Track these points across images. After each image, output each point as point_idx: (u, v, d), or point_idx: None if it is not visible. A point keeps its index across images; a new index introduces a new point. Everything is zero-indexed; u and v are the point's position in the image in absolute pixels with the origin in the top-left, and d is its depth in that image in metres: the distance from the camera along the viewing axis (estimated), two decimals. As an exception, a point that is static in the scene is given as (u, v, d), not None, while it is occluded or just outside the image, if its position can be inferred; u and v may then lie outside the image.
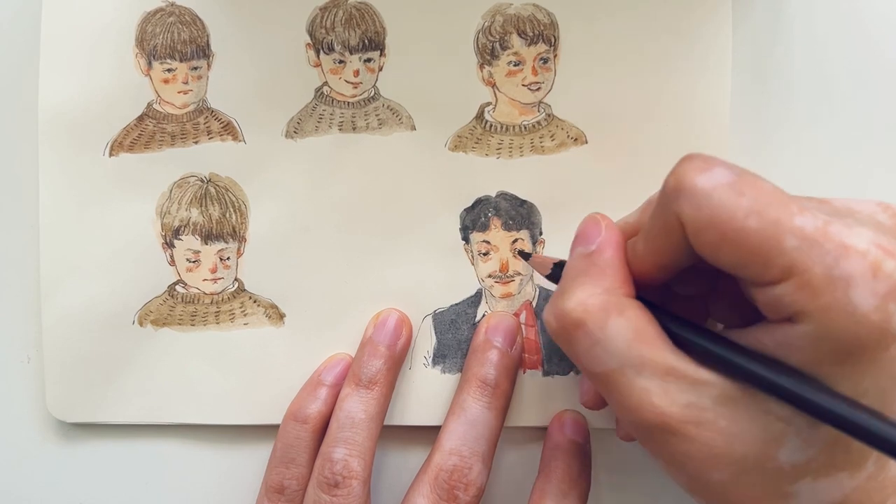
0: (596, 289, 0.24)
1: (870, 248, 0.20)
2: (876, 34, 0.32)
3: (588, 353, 0.23)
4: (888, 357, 0.20)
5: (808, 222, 0.20)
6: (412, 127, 0.32)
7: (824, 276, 0.20)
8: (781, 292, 0.20)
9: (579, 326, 0.23)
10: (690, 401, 0.22)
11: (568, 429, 0.31)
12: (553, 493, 0.29)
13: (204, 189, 0.32)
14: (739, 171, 0.22)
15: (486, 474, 0.29)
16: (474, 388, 0.30)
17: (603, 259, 0.24)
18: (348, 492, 0.29)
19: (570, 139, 0.32)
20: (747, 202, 0.21)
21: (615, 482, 0.32)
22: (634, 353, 0.23)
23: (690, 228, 0.22)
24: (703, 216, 0.21)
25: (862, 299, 0.20)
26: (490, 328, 0.31)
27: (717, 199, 0.21)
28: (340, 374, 0.31)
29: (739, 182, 0.21)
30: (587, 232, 0.25)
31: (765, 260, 0.20)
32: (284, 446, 0.30)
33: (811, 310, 0.20)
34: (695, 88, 0.31)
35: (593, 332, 0.23)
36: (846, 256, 0.20)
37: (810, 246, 0.20)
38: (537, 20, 0.31)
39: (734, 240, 0.21)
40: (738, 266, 0.21)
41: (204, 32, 0.32)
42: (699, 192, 0.21)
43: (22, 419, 0.33)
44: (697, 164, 0.22)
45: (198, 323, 0.32)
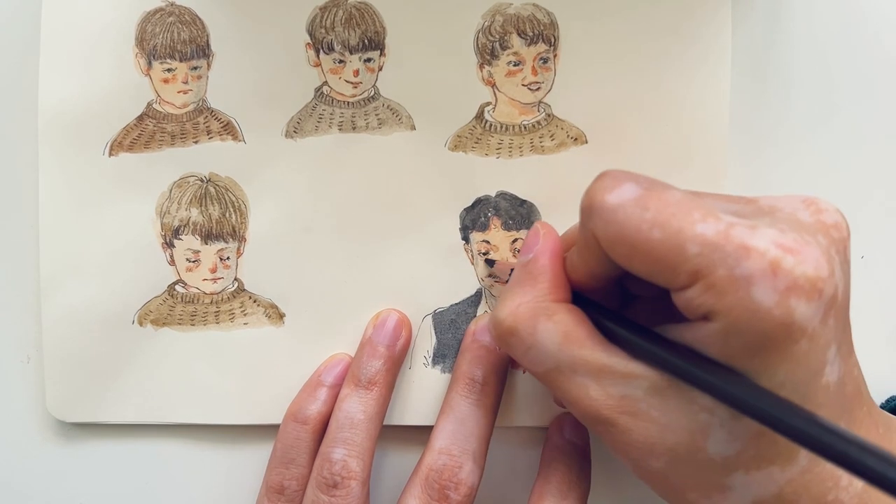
0: (526, 297, 0.26)
1: (769, 248, 0.21)
2: (876, 34, 0.32)
3: (524, 356, 0.25)
4: (799, 350, 0.21)
5: (709, 228, 0.21)
6: (412, 127, 0.32)
7: (727, 277, 0.21)
8: (691, 295, 0.22)
9: (512, 334, 0.25)
10: (624, 393, 0.23)
11: (567, 431, 0.31)
12: (552, 495, 0.29)
13: (204, 189, 0.32)
14: (649, 184, 0.23)
15: (478, 473, 0.29)
16: (462, 385, 0.30)
17: (537, 267, 0.26)
18: (347, 492, 0.29)
19: (570, 139, 0.32)
20: (651, 215, 0.22)
21: (615, 484, 0.32)
22: (566, 355, 0.24)
23: (604, 243, 0.23)
24: (612, 231, 0.23)
25: (763, 296, 0.21)
26: (478, 328, 0.31)
27: (623, 215, 0.23)
28: (340, 374, 0.31)
29: (645, 196, 0.23)
30: (527, 242, 0.28)
31: (672, 267, 0.22)
32: (284, 447, 0.30)
33: (718, 309, 0.21)
34: (695, 88, 0.31)
35: (525, 339, 0.25)
36: (747, 257, 0.21)
37: (712, 250, 0.21)
38: (537, 20, 0.31)
39: (642, 251, 0.22)
40: (650, 274, 0.23)
41: (204, 32, 0.32)
42: (607, 209, 0.23)
43: (22, 419, 0.33)
44: (606, 183, 0.23)
45: (198, 323, 0.32)
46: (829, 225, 0.23)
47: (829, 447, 0.19)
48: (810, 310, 0.21)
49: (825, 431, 0.19)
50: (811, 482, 0.23)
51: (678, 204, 0.22)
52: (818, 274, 0.21)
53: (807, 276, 0.21)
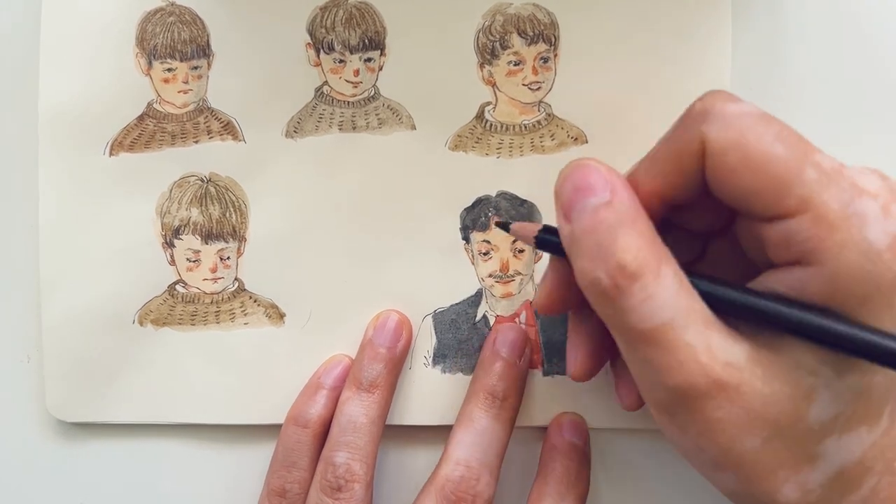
0: (643, 238, 0.22)
1: (880, 192, 0.20)
2: (876, 34, 0.32)
3: (640, 307, 0.22)
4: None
5: (826, 159, 0.21)
6: (412, 126, 0.32)
7: (841, 212, 0.20)
8: (797, 227, 0.21)
9: (636, 279, 0.22)
10: (728, 359, 0.21)
11: (566, 431, 0.31)
12: (551, 495, 0.29)
13: (204, 189, 0.32)
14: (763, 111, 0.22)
15: (494, 486, 0.29)
16: (482, 399, 0.30)
17: (628, 206, 0.23)
18: (350, 495, 0.29)
19: (570, 139, 0.32)
20: (774, 130, 0.21)
21: (614, 483, 0.32)
22: (683, 304, 0.22)
23: (714, 148, 0.21)
24: (729, 136, 0.21)
25: (876, 238, 0.20)
26: (499, 340, 0.31)
27: (747, 123, 0.21)
28: (340, 376, 0.31)
29: (767, 115, 0.22)
30: (590, 182, 0.23)
31: (785, 188, 0.21)
32: (285, 450, 0.30)
33: (827, 247, 0.20)
34: (695, 87, 0.31)
35: (649, 284, 0.22)
36: (860, 196, 0.20)
37: (829, 180, 0.20)
38: (537, 20, 0.31)
39: (757, 163, 0.21)
40: (754, 193, 0.21)
41: (204, 32, 0.32)
42: (729, 113, 0.22)
43: (22, 419, 0.33)
44: (727, 95, 0.22)
45: (198, 322, 0.32)
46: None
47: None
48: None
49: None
50: (887, 447, 0.22)
51: (796, 132, 0.21)
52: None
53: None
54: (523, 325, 0.32)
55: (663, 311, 0.21)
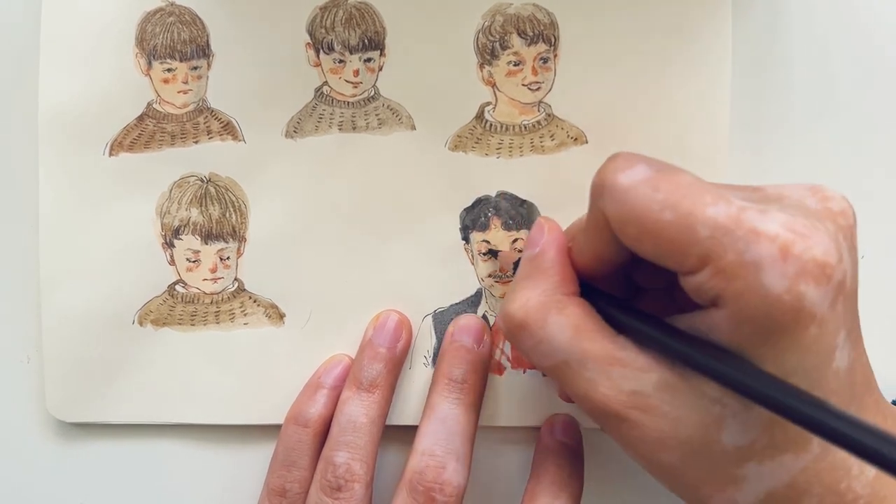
0: (535, 291, 0.25)
1: (780, 232, 0.21)
2: (876, 33, 0.32)
3: (534, 350, 0.25)
4: (809, 336, 0.21)
5: (720, 211, 0.21)
6: (412, 127, 0.32)
7: (736, 262, 0.21)
8: (700, 280, 0.22)
9: (523, 327, 0.25)
10: (634, 388, 0.23)
11: (558, 431, 0.31)
12: (544, 495, 0.29)
13: (204, 189, 0.32)
14: (660, 166, 0.23)
15: (464, 472, 0.29)
16: (441, 386, 0.30)
17: (545, 261, 0.26)
18: (350, 495, 0.29)
19: (570, 139, 0.32)
20: (662, 196, 0.22)
21: (608, 483, 0.32)
22: (576, 348, 0.24)
23: (614, 223, 0.23)
24: (623, 211, 0.23)
25: (773, 281, 0.21)
26: (456, 329, 0.31)
27: (634, 195, 0.22)
28: (340, 375, 0.31)
29: (656, 178, 0.22)
30: (532, 236, 0.27)
31: (681, 250, 0.22)
32: (285, 449, 0.30)
33: (728, 294, 0.21)
34: (695, 88, 0.31)
35: (535, 332, 0.25)
36: (756, 241, 0.21)
37: (722, 234, 0.21)
38: (537, 20, 0.31)
39: (652, 232, 0.22)
40: (660, 257, 0.23)
41: (204, 32, 0.32)
42: (618, 189, 0.23)
43: (22, 419, 0.33)
44: (619, 164, 0.23)
45: (198, 323, 0.32)
46: (835, 212, 0.23)
47: (839, 434, 0.19)
48: (819, 295, 0.21)
49: (835, 418, 0.19)
50: (823, 471, 0.23)
51: (689, 186, 0.22)
52: (827, 259, 0.21)
53: (816, 260, 0.21)
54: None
55: (556, 354, 0.24)
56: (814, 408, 0.19)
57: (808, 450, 0.23)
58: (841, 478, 0.23)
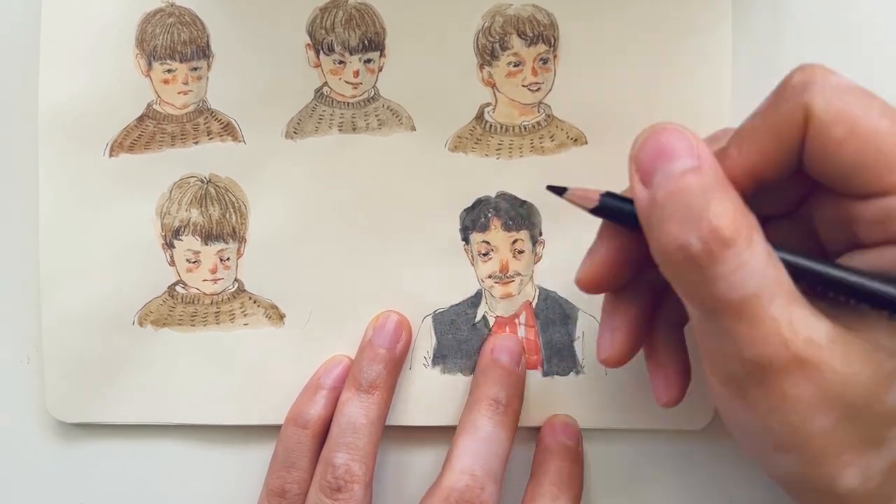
0: (735, 204, 0.21)
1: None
2: (875, 33, 0.32)
3: (731, 275, 0.21)
4: None
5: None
6: (412, 127, 0.32)
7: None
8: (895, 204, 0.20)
9: (730, 245, 0.21)
10: (810, 335, 0.21)
11: (558, 432, 0.31)
12: (544, 496, 0.29)
13: (204, 189, 0.32)
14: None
15: (498, 495, 0.29)
16: (485, 406, 0.30)
17: (717, 173, 0.22)
18: (350, 496, 0.29)
19: (569, 139, 0.32)
20: (879, 105, 0.21)
21: (608, 484, 0.32)
22: (771, 275, 0.21)
23: (819, 119, 0.21)
24: (836, 107, 0.21)
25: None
26: (496, 348, 0.31)
27: (853, 95, 0.21)
28: (339, 376, 0.31)
29: (868, 91, 0.21)
30: (673, 147, 0.22)
31: (889, 164, 0.20)
32: (285, 450, 0.30)
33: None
34: (695, 88, 0.31)
35: (743, 252, 0.21)
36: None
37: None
38: (537, 21, 0.31)
39: (864, 136, 0.20)
40: (857, 168, 0.21)
41: (204, 33, 0.32)
42: (834, 85, 0.21)
43: (22, 419, 0.33)
44: (826, 68, 0.22)
45: (198, 323, 0.32)
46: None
47: None
48: None
49: None
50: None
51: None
52: None
53: None
54: (522, 326, 0.32)
55: (752, 281, 0.21)
56: None
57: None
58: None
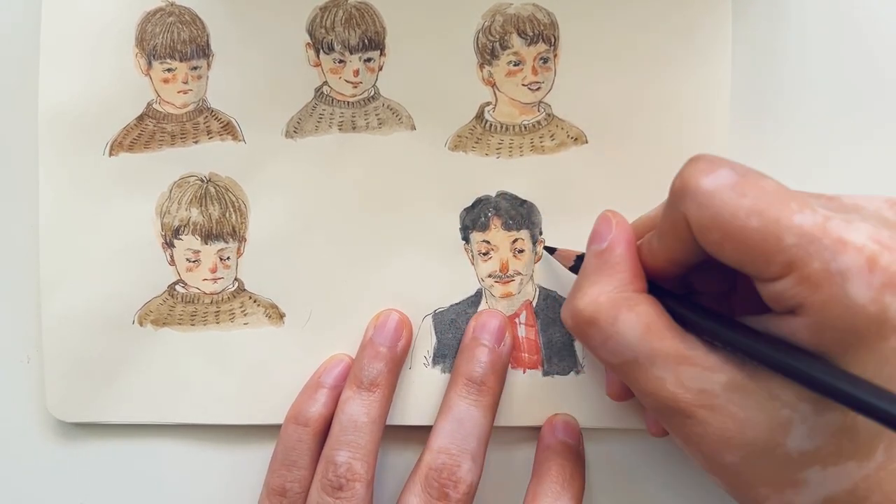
0: (606, 287, 0.25)
1: (867, 243, 0.21)
2: (875, 32, 0.32)
3: (602, 347, 0.25)
4: (889, 347, 0.21)
5: (807, 220, 0.21)
6: (412, 126, 0.32)
7: (822, 271, 0.21)
8: (783, 287, 0.21)
9: (592, 324, 0.25)
10: (703, 387, 0.23)
11: (559, 431, 0.31)
12: (546, 495, 0.29)
13: (204, 189, 0.32)
14: (744, 171, 0.23)
15: (477, 472, 0.29)
16: (461, 386, 0.30)
17: (613, 256, 0.26)
18: (352, 494, 0.29)
19: (570, 139, 0.32)
20: (749, 202, 0.22)
21: (609, 483, 0.32)
22: (646, 346, 0.24)
23: (696, 227, 0.23)
24: (706, 216, 0.22)
25: (858, 292, 0.20)
26: (478, 326, 0.31)
27: (720, 200, 0.22)
28: (340, 375, 0.31)
29: (742, 183, 0.22)
30: (599, 230, 0.27)
31: (766, 257, 0.21)
32: (285, 449, 0.30)
33: (811, 303, 0.21)
34: (695, 88, 0.31)
35: (605, 329, 0.25)
36: (843, 251, 0.21)
37: (809, 242, 0.21)
38: (537, 20, 0.31)
39: (736, 238, 0.22)
40: (741, 263, 0.22)
41: (204, 32, 0.32)
42: (703, 193, 0.22)
43: (22, 419, 0.33)
44: (702, 166, 0.23)
45: (198, 323, 0.32)
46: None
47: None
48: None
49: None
50: (885, 479, 0.23)
51: (775, 193, 0.22)
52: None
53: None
54: (523, 325, 0.32)
55: (625, 352, 0.24)
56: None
57: (872, 458, 0.23)
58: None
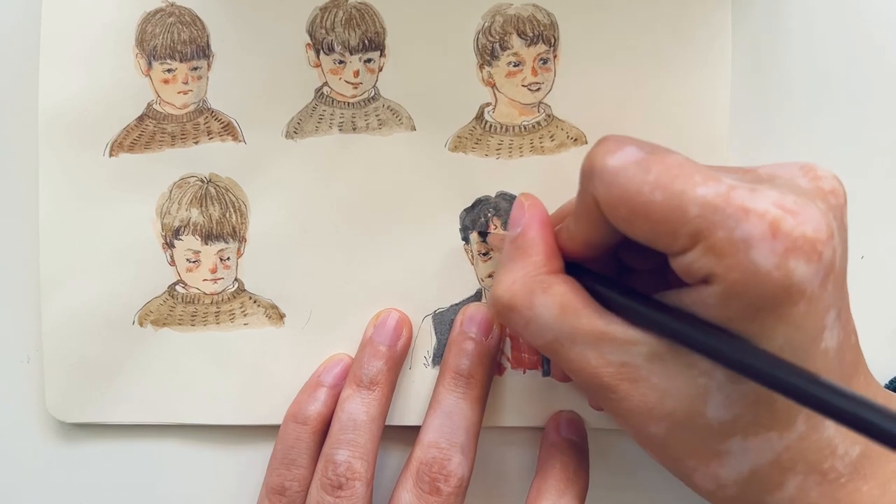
0: (520, 272, 0.26)
1: (769, 209, 0.21)
2: (875, 32, 0.32)
3: (525, 331, 0.25)
4: (798, 313, 0.21)
5: (710, 190, 0.21)
6: (412, 127, 0.32)
7: (726, 239, 0.21)
8: (691, 259, 0.22)
9: (511, 309, 0.25)
10: (624, 360, 0.24)
11: (563, 428, 0.31)
12: (550, 492, 0.29)
13: (204, 189, 0.32)
14: (651, 148, 0.23)
15: (468, 465, 0.29)
16: (448, 379, 0.30)
17: (526, 240, 0.26)
18: (352, 493, 0.29)
19: (569, 139, 0.32)
20: (653, 177, 0.22)
21: (614, 482, 0.32)
22: (564, 326, 0.24)
23: (604, 206, 0.23)
24: (613, 194, 0.23)
25: (763, 258, 0.21)
26: (465, 319, 0.31)
27: (625, 177, 0.23)
28: (340, 374, 0.31)
29: (647, 160, 0.23)
30: (514, 215, 0.27)
31: (672, 230, 0.22)
32: (285, 448, 0.30)
33: (718, 271, 0.21)
34: (695, 88, 0.31)
35: (523, 313, 0.25)
36: (746, 219, 0.21)
37: (712, 212, 0.21)
38: (537, 20, 0.31)
39: (643, 213, 0.22)
40: (650, 238, 0.23)
41: (204, 33, 0.32)
42: (608, 171, 0.23)
43: (22, 419, 0.33)
44: (608, 146, 0.23)
45: (198, 323, 0.32)
46: (826, 191, 0.23)
47: (829, 404, 0.19)
48: (809, 271, 0.21)
49: (825, 389, 0.19)
50: (808, 449, 0.23)
51: (680, 167, 0.22)
52: (817, 236, 0.21)
53: (806, 237, 0.21)
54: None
55: (545, 334, 0.25)
56: (804, 380, 0.20)
57: (792, 428, 0.23)
58: (825, 457, 0.23)
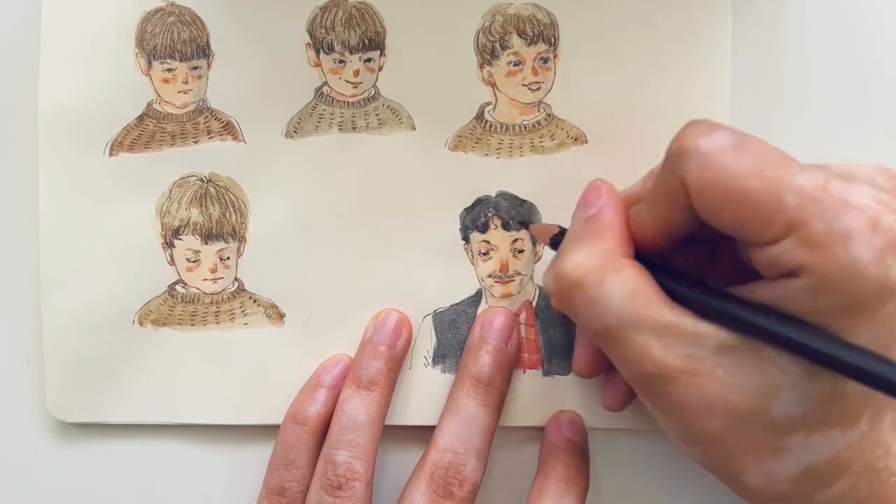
0: (593, 250, 0.25)
1: (869, 204, 0.20)
2: (875, 32, 0.32)
3: (587, 312, 0.24)
4: (886, 311, 0.21)
5: (808, 180, 0.21)
6: (412, 127, 0.32)
7: (824, 231, 0.20)
8: (781, 249, 0.21)
9: (577, 287, 0.24)
10: (689, 352, 0.23)
11: (564, 428, 0.31)
12: (550, 492, 0.29)
13: (204, 189, 0.32)
14: (742, 134, 0.22)
15: (482, 471, 0.29)
16: (468, 385, 0.30)
17: (601, 222, 0.25)
18: (351, 493, 0.29)
19: (570, 139, 0.32)
20: (749, 163, 0.21)
21: (614, 483, 0.32)
22: (631, 311, 0.23)
23: (694, 190, 0.22)
24: (705, 177, 0.22)
25: (861, 253, 0.20)
26: (485, 324, 0.31)
27: (720, 161, 0.22)
28: (339, 374, 0.31)
29: (742, 144, 0.22)
30: (588, 197, 0.26)
31: (766, 218, 0.21)
32: (284, 448, 0.30)
33: (811, 264, 0.21)
34: (695, 87, 0.31)
35: (590, 292, 0.24)
36: (846, 211, 0.20)
37: (811, 202, 0.21)
38: (537, 20, 0.31)
39: (736, 199, 0.21)
40: (739, 226, 0.22)
41: (204, 32, 0.32)
42: (702, 153, 0.22)
43: (22, 419, 0.33)
44: (701, 129, 0.22)
45: (198, 323, 0.32)
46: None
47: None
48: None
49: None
50: (865, 448, 0.23)
51: (775, 154, 0.22)
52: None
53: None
54: (523, 325, 0.32)
55: (609, 317, 0.24)
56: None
57: (856, 426, 0.23)
58: (880, 456, 0.23)
